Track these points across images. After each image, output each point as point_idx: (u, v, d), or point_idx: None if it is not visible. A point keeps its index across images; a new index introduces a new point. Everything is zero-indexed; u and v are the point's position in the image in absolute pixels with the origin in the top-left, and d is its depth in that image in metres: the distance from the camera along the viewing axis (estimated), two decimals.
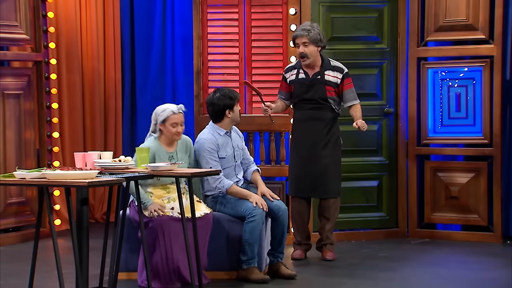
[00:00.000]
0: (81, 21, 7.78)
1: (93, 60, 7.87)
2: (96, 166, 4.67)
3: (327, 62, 6.00)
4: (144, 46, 8.05)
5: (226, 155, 5.42)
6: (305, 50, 5.90)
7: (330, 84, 5.96)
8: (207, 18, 6.84)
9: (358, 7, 6.87)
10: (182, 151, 5.23)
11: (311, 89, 5.96)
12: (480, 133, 6.80)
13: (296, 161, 6.03)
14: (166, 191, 5.14)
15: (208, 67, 6.86)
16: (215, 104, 5.42)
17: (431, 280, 5.38)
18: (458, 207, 6.86)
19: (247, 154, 5.58)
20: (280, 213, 5.37)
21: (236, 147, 5.49)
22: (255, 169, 5.57)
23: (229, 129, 5.48)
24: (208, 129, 5.48)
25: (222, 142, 5.42)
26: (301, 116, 6.02)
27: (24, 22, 6.81)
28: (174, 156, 5.16)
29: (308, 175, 5.97)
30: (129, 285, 5.15)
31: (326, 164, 5.96)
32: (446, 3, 6.83)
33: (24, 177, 4.21)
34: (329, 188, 5.99)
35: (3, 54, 6.85)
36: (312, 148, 5.97)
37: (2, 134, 6.72)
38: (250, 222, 5.23)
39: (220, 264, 5.34)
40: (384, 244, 6.67)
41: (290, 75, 6.05)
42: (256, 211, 5.23)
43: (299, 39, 5.93)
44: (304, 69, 5.99)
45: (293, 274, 5.39)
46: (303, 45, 5.91)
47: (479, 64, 6.79)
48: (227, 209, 5.36)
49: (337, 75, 5.98)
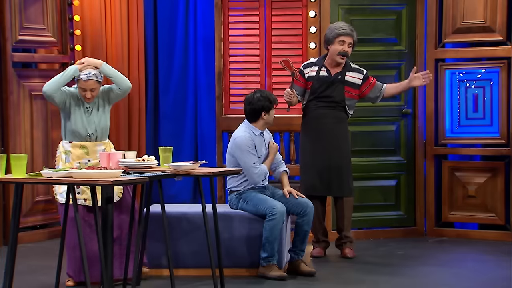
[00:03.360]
0: (106, 24, 7.83)
1: (118, 62, 7.92)
2: (121, 165, 4.71)
3: (348, 64, 6.01)
4: (167, 48, 8.08)
5: (261, 155, 5.43)
6: (349, 50, 5.91)
7: (350, 85, 5.96)
8: (229, 21, 6.87)
9: (376, 10, 6.87)
10: (97, 103, 5.08)
11: (330, 87, 5.95)
12: (497, 133, 6.77)
13: (309, 160, 6.01)
14: (84, 151, 5.05)
15: (230, 68, 6.88)
16: (254, 104, 5.42)
17: (448, 278, 5.37)
18: (475, 206, 6.84)
19: (277, 154, 5.59)
20: (307, 210, 5.38)
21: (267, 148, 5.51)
22: (283, 170, 5.58)
23: (263, 130, 5.48)
24: (243, 127, 5.47)
25: (257, 142, 5.43)
26: (314, 114, 5.99)
27: (51, 25, 6.87)
28: (90, 108, 5.04)
29: (322, 174, 5.96)
30: (152, 280, 5.18)
31: (340, 163, 5.96)
32: (464, 5, 6.81)
33: (51, 176, 4.27)
34: (344, 187, 5.98)
35: (31, 56, 6.93)
36: (325, 147, 5.96)
37: (30, 134, 6.79)
38: (270, 220, 5.24)
39: (240, 261, 5.36)
40: (402, 242, 6.66)
41: (309, 70, 6.02)
42: (276, 209, 5.24)
43: (347, 38, 5.89)
44: (326, 67, 5.98)
45: (313, 271, 5.40)
46: (349, 45, 5.90)
47: (496, 66, 6.76)
48: (249, 207, 5.38)
49: (358, 76, 5.98)
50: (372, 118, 6.82)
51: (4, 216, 6.55)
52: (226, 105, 6.86)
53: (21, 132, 6.69)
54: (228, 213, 5.39)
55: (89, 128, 5.02)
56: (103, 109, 5.11)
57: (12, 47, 6.60)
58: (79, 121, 5.00)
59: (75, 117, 5.00)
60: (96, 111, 5.07)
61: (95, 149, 5.05)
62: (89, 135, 5.03)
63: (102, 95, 5.12)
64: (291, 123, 6.68)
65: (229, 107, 6.87)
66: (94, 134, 5.04)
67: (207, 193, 6.68)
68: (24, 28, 6.67)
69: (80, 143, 5.03)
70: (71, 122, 5.00)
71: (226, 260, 5.17)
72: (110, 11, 7.85)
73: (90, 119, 5.03)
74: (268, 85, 6.82)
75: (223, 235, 5.23)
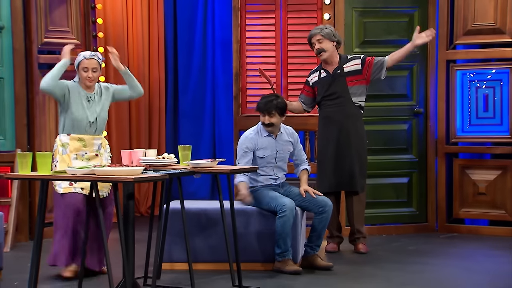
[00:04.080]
0: (128, 26, 7.86)
1: (139, 63, 7.95)
2: (141, 163, 4.72)
3: (344, 57, 6.00)
4: (186, 49, 8.10)
5: (264, 156, 5.42)
6: (320, 45, 5.90)
7: (351, 74, 5.92)
8: (246, 23, 6.86)
9: (389, 12, 6.84)
10: (99, 94, 5.11)
11: (332, 84, 5.94)
12: (507, 132, 6.73)
13: (323, 158, 6.00)
14: (82, 144, 5.06)
15: (246, 69, 6.88)
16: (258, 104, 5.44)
17: (459, 273, 5.34)
18: (485, 203, 6.80)
19: (299, 154, 5.57)
20: (326, 208, 5.36)
21: (281, 150, 5.47)
22: (304, 168, 5.57)
23: (274, 133, 5.46)
24: (253, 127, 5.49)
25: (262, 143, 5.42)
26: (325, 113, 5.99)
27: (75, 28, 6.90)
28: (92, 97, 5.06)
29: (336, 171, 5.94)
30: (172, 275, 5.20)
31: (353, 160, 5.94)
32: (475, 8, 6.77)
33: (75, 173, 4.28)
34: (354, 183, 5.96)
35: (56, 58, 6.93)
36: (338, 145, 5.94)
37: (55, 133, 6.79)
38: (281, 217, 5.24)
39: (256, 256, 5.36)
40: (413, 238, 6.63)
41: (312, 77, 6.04)
42: (286, 206, 5.23)
43: (314, 38, 5.93)
44: (325, 68, 5.98)
45: (330, 265, 5.38)
46: (318, 42, 5.91)
47: (506, 66, 6.72)
48: (262, 204, 5.38)
49: (356, 62, 5.95)
50: (385, 118, 6.80)
51: (30, 211, 6.59)
52: (243, 105, 6.87)
53: (46, 131, 6.72)
54: (244, 210, 5.39)
55: (90, 116, 5.03)
56: (104, 101, 5.12)
57: (38, 49, 6.63)
58: (80, 108, 5.01)
59: (76, 106, 5.01)
60: (99, 100, 5.09)
61: (92, 142, 5.08)
62: (89, 123, 5.04)
63: (107, 90, 5.15)
64: (306, 123, 6.67)
65: (246, 106, 6.87)
66: (95, 124, 5.06)
67: (225, 190, 6.69)
68: (50, 31, 6.71)
69: (79, 136, 5.04)
70: (72, 110, 5.00)
71: (242, 255, 5.16)
72: (132, 14, 7.88)
73: (92, 108, 5.05)
74: (284, 86, 6.82)
75: (239, 231, 5.23)
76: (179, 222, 5.15)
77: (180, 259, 5.31)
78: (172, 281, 5.01)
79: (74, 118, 5.02)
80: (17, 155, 4.76)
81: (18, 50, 6.48)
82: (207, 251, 5.36)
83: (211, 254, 5.36)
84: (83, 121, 5.04)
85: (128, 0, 7.84)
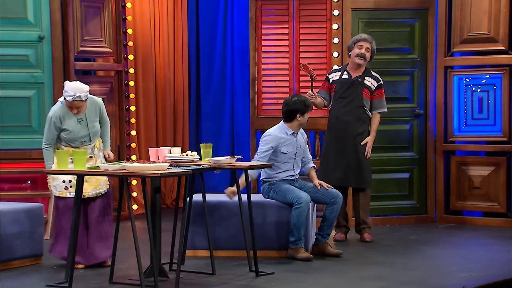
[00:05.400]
0: (155, 36, 7.89)
1: (165, 70, 7.98)
2: (167, 160, 4.74)
3: (368, 70, 6.01)
4: (207, 57, 8.12)
5: (287, 152, 5.42)
6: (367, 54, 5.91)
7: (367, 88, 5.96)
8: (262, 33, 6.88)
9: (392, 23, 6.83)
10: (90, 113, 5.02)
11: (351, 87, 5.94)
12: (500, 132, 6.70)
13: (332, 155, 5.97)
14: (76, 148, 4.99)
15: (262, 75, 6.89)
16: (291, 106, 5.39)
17: (456, 260, 5.33)
18: (480, 196, 6.77)
19: (306, 153, 5.57)
20: (337, 199, 5.38)
21: (299, 147, 5.48)
22: (311, 166, 5.57)
23: (296, 131, 5.46)
24: (277, 126, 5.47)
25: (285, 140, 5.41)
26: (336, 113, 5.98)
27: (107, 38, 6.94)
28: (83, 119, 4.98)
29: (344, 168, 5.94)
30: (195, 261, 5.22)
31: (359, 158, 5.93)
32: (471, 19, 6.74)
33: (107, 169, 4.31)
34: (361, 180, 5.95)
35: (90, 65, 7.01)
36: (345, 144, 5.93)
37: None
38: (297, 208, 5.25)
39: (271, 244, 5.37)
40: (414, 228, 6.62)
41: (333, 75, 6.04)
42: (302, 199, 5.24)
43: (365, 43, 5.91)
44: (348, 71, 5.98)
45: (340, 253, 5.38)
46: (366, 50, 5.91)
47: (499, 72, 6.68)
48: (279, 197, 5.39)
49: (374, 83, 5.98)
50: (388, 119, 6.77)
51: None
52: (259, 107, 6.88)
53: None
54: (261, 202, 5.40)
55: (84, 136, 4.98)
56: (94, 117, 5.03)
57: (75, 57, 6.68)
58: (73, 129, 4.95)
59: (70, 126, 4.95)
60: (89, 117, 5.01)
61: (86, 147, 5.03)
62: (84, 141, 5.00)
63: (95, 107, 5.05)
64: (316, 123, 6.66)
65: (262, 108, 6.89)
66: (89, 138, 5.01)
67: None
68: (85, 41, 6.75)
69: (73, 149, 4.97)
70: (67, 132, 4.95)
71: (258, 243, 5.17)
72: (159, 25, 7.91)
73: (83, 128, 4.98)
74: (296, 89, 6.83)
75: (256, 221, 5.23)
76: (201, 213, 5.17)
77: (202, 247, 5.33)
78: (195, 266, 5.03)
79: (69, 139, 4.98)
80: (56, 153, 4.80)
81: (56, 58, 6.52)
82: (227, 239, 5.38)
83: (230, 242, 5.37)
84: (78, 139, 5.00)
85: (156, 12, 7.87)
